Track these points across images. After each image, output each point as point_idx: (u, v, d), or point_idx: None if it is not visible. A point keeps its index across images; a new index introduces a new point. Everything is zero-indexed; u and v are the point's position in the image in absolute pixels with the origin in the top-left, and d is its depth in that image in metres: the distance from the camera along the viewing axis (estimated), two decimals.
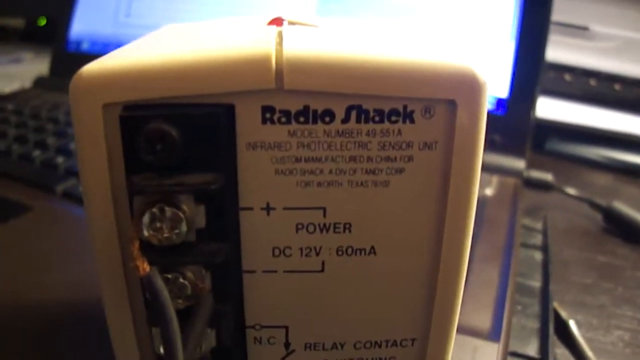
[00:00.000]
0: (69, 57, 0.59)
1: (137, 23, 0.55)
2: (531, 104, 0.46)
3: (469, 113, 0.15)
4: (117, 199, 0.16)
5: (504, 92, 0.47)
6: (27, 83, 0.61)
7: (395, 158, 0.16)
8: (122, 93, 0.15)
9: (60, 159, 0.39)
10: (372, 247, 0.17)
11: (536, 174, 0.50)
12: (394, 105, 0.16)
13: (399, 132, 0.16)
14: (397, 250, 0.17)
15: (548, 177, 0.50)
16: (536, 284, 0.36)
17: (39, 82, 0.61)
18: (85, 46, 0.58)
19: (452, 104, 0.15)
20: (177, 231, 0.15)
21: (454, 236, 0.17)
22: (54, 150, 0.42)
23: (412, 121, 0.16)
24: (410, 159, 0.16)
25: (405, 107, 0.16)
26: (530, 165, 0.49)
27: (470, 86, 0.15)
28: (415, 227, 0.17)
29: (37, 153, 0.41)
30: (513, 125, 0.47)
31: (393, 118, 0.16)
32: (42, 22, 0.82)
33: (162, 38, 0.19)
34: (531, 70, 0.46)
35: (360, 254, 0.17)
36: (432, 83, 0.15)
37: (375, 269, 0.17)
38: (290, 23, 0.20)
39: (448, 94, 0.15)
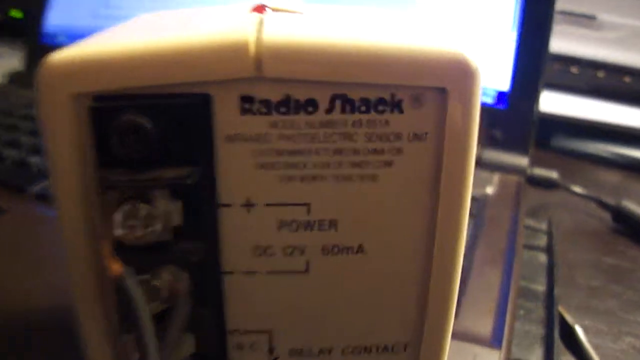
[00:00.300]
0: (45, 51, 0.59)
1: (117, 14, 0.55)
2: (534, 98, 0.46)
3: (461, 101, 0.16)
4: (88, 196, 0.16)
5: (505, 85, 0.47)
6: (0, 79, 0.61)
7: (383, 150, 0.16)
8: (93, 82, 0.15)
9: (33, 159, 0.39)
10: (360, 246, 0.17)
11: (540, 172, 0.50)
12: (380, 94, 0.16)
13: (387, 122, 0.16)
14: (387, 249, 0.17)
15: (553, 174, 0.51)
16: (540, 287, 0.36)
17: (13, 78, 0.61)
18: (61, 39, 0.58)
19: (442, 92, 0.15)
20: (151, 229, 0.15)
21: (447, 233, 0.17)
22: (28, 149, 0.41)
23: (401, 111, 0.16)
24: (399, 151, 0.16)
25: (392, 95, 0.16)
26: (534, 162, 0.49)
27: (461, 72, 0.15)
28: (406, 224, 0.17)
29: (9, 152, 0.41)
30: (515, 120, 0.47)
31: (380, 108, 0.16)
32: (17, 14, 0.82)
33: (137, 26, 0.19)
34: (534, 61, 0.46)
35: (348, 253, 0.17)
36: (420, 69, 0.15)
37: (364, 268, 0.17)
38: (274, 10, 0.20)
39: (438, 81, 0.15)
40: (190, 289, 0.16)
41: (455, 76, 0.15)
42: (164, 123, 0.15)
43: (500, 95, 0.47)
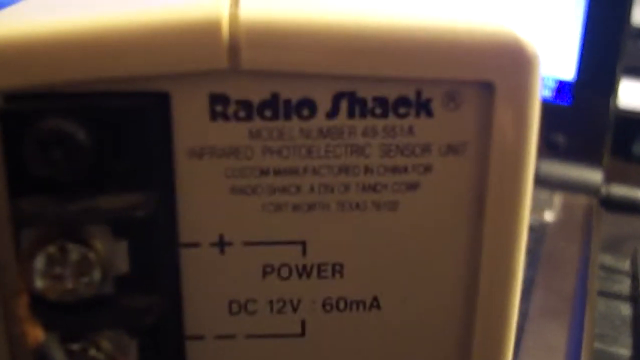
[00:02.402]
0: None
1: None
2: (610, 89, 0.47)
3: (513, 101, 0.16)
4: None
5: (569, 73, 0.47)
6: None
7: (406, 168, 0.16)
8: (2, 76, 0.15)
9: None
10: (375, 299, 0.17)
11: (620, 190, 0.51)
12: (402, 91, 0.16)
13: (411, 130, 0.16)
14: (411, 303, 0.17)
15: (638, 194, 0.51)
16: (624, 351, 0.36)
17: None
18: None
19: (487, 87, 0.16)
20: (86, 280, 0.15)
21: (494, 279, 0.17)
22: None
23: (430, 114, 0.16)
24: (427, 169, 0.16)
25: (418, 93, 0.16)
26: (611, 177, 0.49)
27: (514, 62, 0.15)
28: (437, 268, 0.17)
29: None
30: (583, 120, 0.47)
31: (401, 110, 0.16)
32: None
33: None
34: (609, 40, 0.47)
35: (357, 308, 0.17)
36: (457, 57, 0.15)
37: (379, 330, 0.18)
38: None
39: (481, 74, 0.16)
40: None
41: (505, 66, 0.16)
42: (102, 132, 0.15)
43: (562, 87, 0.47)
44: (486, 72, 0.16)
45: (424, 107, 0.16)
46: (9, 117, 0.15)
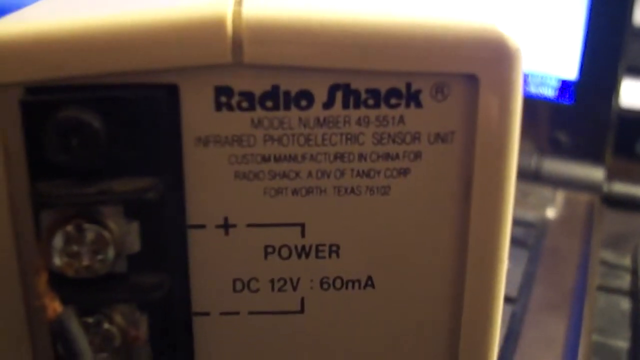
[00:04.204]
0: None
1: None
2: (612, 88, 0.46)
3: (497, 92, 0.17)
4: (18, 215, 0.17)
5: (571, 72, 0.47)
6: None
7: (397, 155, 0.17)
8: (24, 70, 0.16)
9: None
10: (369, 278, 0.18)
11: (622, 188, 0.50)
12: (393, 83, 0.17)
13: (401, 119, 0.17)
14: (403, 283, 0.18)
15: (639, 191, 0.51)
16: (622, 344, 0.36)
17: None
18: None
19: (472, 80, 0.17)
20: (101, 257, 0.16)
21: (481, 263, 0.18)
22: None
23: (419, 104, 0.17)
24: (417, 156, 0.17)
25: (408, 85, 0.17)
26: (614, 175, 0.49)
27: (497, 55, 0.16)
28: (427, 251, 0.18)
29: None
30: (586, 118, 0.47)
31: (392, 101, 0.17)
32: None
33: None
34: (611, 40, 0.46)
35: (353, 287, 0.18)
36: (444, 51, 0.16)
37: (374, 307, 0.18)
38: None
39: (467, 67, 0.16)
40: (151, 334, 0.17)
41: (488, 60, 0.16)
42: (116, 121, 0.16)
43: (565, 86, 0.47)
44: (471, 65, 0.16)
45: (413, 98, 0.17)
46: (30, 107, 0.16)
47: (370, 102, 0.17)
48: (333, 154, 0.17)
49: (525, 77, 0.47)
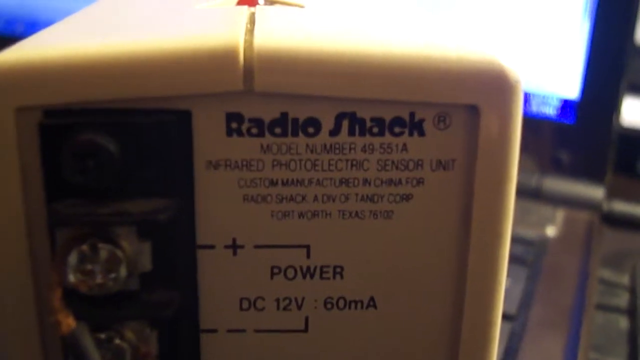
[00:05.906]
0: None
1: None
2: (613, 107, 0.47)
3: (497, 122, 0.17)
4: (34, 233, 0.17)
5: (573, 91, 0.47)
6: None
7: (400, 181, 0.18)
8: (43, 94, 0.16)
9: None
10: (371, 299, 0.19)
11: (622, 207, 0.50)
12: (397, 112, 0.17)
13: (405, 147, 0.18)
14: (404, 304, 0.19)
15: (639, 210, 0.51)
16: None
17: None
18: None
19: (473, 110, 0.17)
20: (114, 276, 0.17)
21: (481, 285, 0.18)
22: None
23: (422, 133, 0.17)
24: (419, 182, 0.18)
25: (412, 114, 0.17)
26: (614, 194, 0.49)
27: (497, 86, 0.17)
28: (428, 273, 0.19)
29: None
30: (587, 137, 0.47)
31: (396, 129, 0.17)
32: None
33: (99, 18, 0.21)
34: (613, 58, 0.46)
35: (356, 307, 0.19)
36: (446, 83, 0.17)
37: (375, 327, 0.19)
38: (268, 2, 0.22)
39: (468, 98, 0.17)
40: (161, 350, 0.18)
41: (489, 91, 0.17)
42: (130, 145, 0.16)
43: (567, 105, 0.47)
44: (472, 96, 0.17)
45: (416, 127, 0.17)
46: (47, 130, 0.16)
47: (375, 130, 0.17)
48: (338, 179, 0.18)
49: (527, 96, 0.47)
